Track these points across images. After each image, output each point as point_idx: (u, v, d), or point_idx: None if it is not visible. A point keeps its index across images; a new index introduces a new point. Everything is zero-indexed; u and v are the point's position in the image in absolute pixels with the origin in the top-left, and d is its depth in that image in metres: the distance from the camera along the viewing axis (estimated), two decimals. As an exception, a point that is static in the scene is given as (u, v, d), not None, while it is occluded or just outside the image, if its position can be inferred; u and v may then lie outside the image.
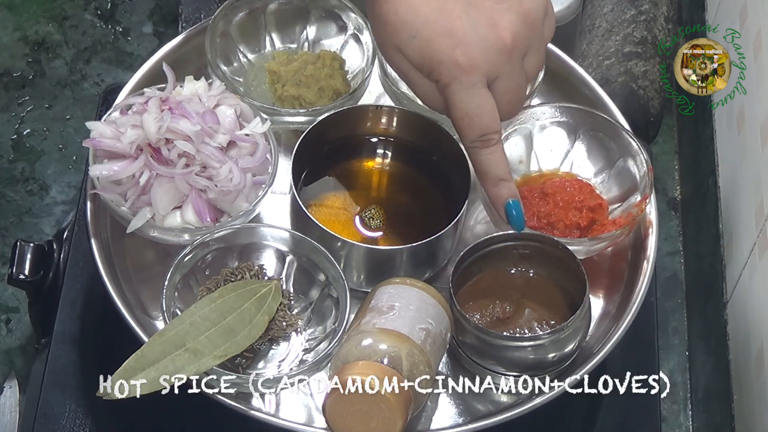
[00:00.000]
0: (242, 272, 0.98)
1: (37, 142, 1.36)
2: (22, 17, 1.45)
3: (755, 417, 1.01)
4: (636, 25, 1.27)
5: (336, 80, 1.07)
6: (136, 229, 0.97)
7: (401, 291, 0.94)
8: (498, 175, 0.94)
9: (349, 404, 0.86)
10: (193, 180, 0.97)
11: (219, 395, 0.92)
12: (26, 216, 1.30)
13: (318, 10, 1.12)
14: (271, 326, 0.95)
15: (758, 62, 1.12)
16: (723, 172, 1.20)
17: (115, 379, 0.88)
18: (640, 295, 1.00)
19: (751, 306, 1.07)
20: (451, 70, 0.90)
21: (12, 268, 1.10)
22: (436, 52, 0.90)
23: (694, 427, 1.16)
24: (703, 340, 1.18)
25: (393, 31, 0.91)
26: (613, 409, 1.04)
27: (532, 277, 0.99)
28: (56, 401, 1.01)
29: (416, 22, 0.90)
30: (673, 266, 1.26)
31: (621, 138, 1.05)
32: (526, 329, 0.96)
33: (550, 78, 1.11)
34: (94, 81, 1.41)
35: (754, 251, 1.07)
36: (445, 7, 0.90)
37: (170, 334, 0.90)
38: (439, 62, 0.90)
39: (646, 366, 1.06)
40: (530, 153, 1.07)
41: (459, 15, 0.90)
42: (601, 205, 1.04)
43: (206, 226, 0.98)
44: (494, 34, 0.90)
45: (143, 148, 0.97)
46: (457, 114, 0.92)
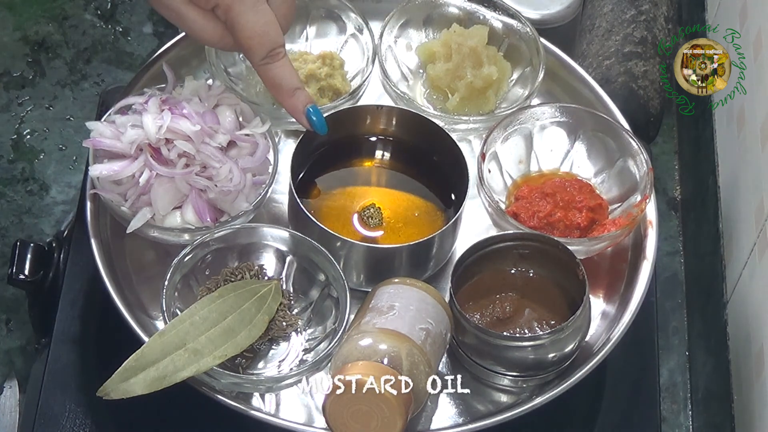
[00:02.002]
0: (242, 272, 0.98)
1: (37, 142, 1.36)
2: (22, 17, 1.45)
3: (755, 417, 1.01)
4: (636, 25, 1.27)
5: (336, 80, 1.07)
6: (136, 229, 0.97)
7: (401, 291, 0.94)
8: (292, 84, 0.97)
9: (349, 404, 0.86)
10: (193, 180, 0.97)
11: (219, 395, 0.92)
12: (26, 216, 1.30)
13: (318, 10, 1.12)
14: (271, 326, 0.95)
15: (758, 62, 1.12)
16: (723, 172, 1.20)
17: (115, 379, 0.88)
18: (640, 295, 1.01)
19: (751, 306, 1.07)
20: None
21: (12, 268, 1.10)
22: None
23: (694, 427, 1.16)
24: (703, 340, 1.18)
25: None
26: (613, 409, 1.04)
27: (532, 277, 0.99)
28: (56, 401, 1.01)
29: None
30: (673, 266, 1.26)
31: (621, 138, 1.05)
32: (526, 329, 0.96)
33: (550, 78, 1.11)
34: (94, 81, 1.41)
35: (754, 251, 1.07)
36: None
37: (170, 334, 0.90)
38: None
39: (646, 366, 1.06)
40: (530, 153, 1.07)
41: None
42: (601, 205, 1.04)
43: (206, 226, 0.98)
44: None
45: (143, 148, 0.97)
46: (245, 34, 0.94)
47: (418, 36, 1.14)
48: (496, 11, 1.13)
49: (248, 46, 0.95)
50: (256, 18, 0.94)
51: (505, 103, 1.10)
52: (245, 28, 0.94)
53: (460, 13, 1.13)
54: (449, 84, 1.09)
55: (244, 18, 0.93)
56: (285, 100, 0.98)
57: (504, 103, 1.11)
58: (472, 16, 1.13)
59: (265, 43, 0.95)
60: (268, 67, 0.96)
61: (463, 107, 1.09)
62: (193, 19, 0.95)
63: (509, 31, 1.13)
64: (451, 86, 1.09)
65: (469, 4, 1.13)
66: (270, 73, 0.96)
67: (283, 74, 0.97)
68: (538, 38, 1.11)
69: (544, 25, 1.24)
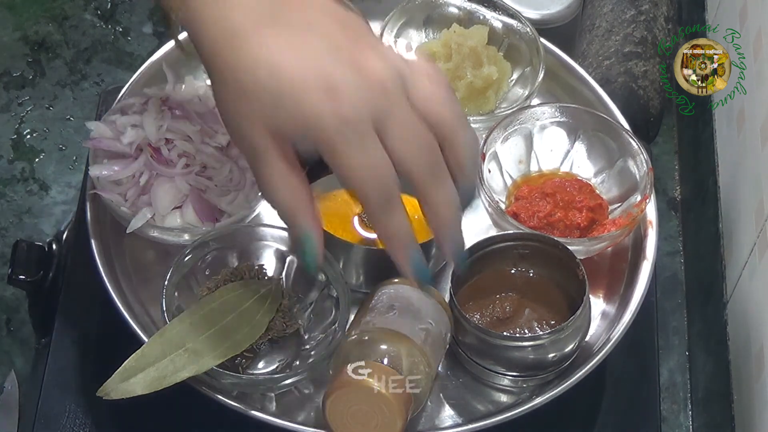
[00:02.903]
0: (242, 272, 0.98)
1: (37, 142, 1.36)
2: (22, 17, 1.45)
3: (755, 417, 1.01)
4: (636, 25, 1.26)
5: (336, 80, 1.07)
6: (136, 229, 0.97)
7: (401, 291, 0.94)
8: (408, 236, 0.81)
9: (348, 404, 0.86)
10: (193, 180, 0.97)
11: (219, 395, 0.92)
12: (26, 216, 1.30)
13: (318, 10, 1.12)
14: (271, 326, 0.95)
15: (758, 62, 1.12)
16: (723, 172, 1.20)
17: (115, 379, 0.88)
18: (640, 295, 1.00)
19: (751, 306, 1.07)
20: (331, 122, 0.75)
21: (12, 268, 1.10)
22: (309, 109, 0.76)
23: (694, 427, 1.16)
24: (703, 340, 1.18)
25: (255, 102, 0.77)
26: (613, 409, 1.04)
27: (532, 277, 0.99)
28: (56, 401, 1.01)
29: (280, 84, 0.76)
30: (673, 266, 1.26)
31: (621, 138, 1.05)
32: (526, 329, 0.96)
33: (550, 78, 1.11)
34: (94, 81, 1.41)
35: (754, 251, 1.07)
36: (309, 61, 0.76)
37: (170, 334, 0.90)
38: (315, 117, 0.75)
39: (646, 366, 1.06)
40: (530, 153, 1.07)
41: (324, 65, 0.76)
42: (601, 205, 1.04)
43: (206, 226, 0.98)
44: (363, 75, 0.77)
45: (143, 148, 0.97)
46: (356, 175, 0.77)
47: (418, 36, 1.14)
48: (496, 11, 1.13)
49: (361, 194, 0.78)
50: (365, 154, 0.76)
51: (505, 103, 1.11)
52: (354, 169, 0.76)
53: (460, 13, 1.13)
54: (449, 84, 1.09)
55: (351, 156, 0.76)
56: (396, 252, 0.81)
57: (504, 103, 1.11)
58: (472, 16, 1.13)
59: (379, 189, 0.77)
60: (383, 217, 0.79)
61: (463, 107, 1.09)
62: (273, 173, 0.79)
63: (509, 31, 1.13)
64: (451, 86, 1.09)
65: (469, 4, 1.13)
66: (385, 222, 0.80)
67: (400, 225, 0.80)
68: (538, 38, 1.11)
69: (544, 25, 1.24)
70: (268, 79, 0.76)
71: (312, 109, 0.76)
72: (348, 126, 0.76)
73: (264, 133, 0.77)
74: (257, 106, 0.77)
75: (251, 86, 0.76)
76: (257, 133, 0.77)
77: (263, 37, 0.77)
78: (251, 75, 0.76)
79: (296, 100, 0.76)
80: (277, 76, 0.76)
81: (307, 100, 0.76)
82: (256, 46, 0.77)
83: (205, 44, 0.78)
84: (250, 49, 0.77)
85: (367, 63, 0.77)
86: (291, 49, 0.76)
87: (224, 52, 0.77)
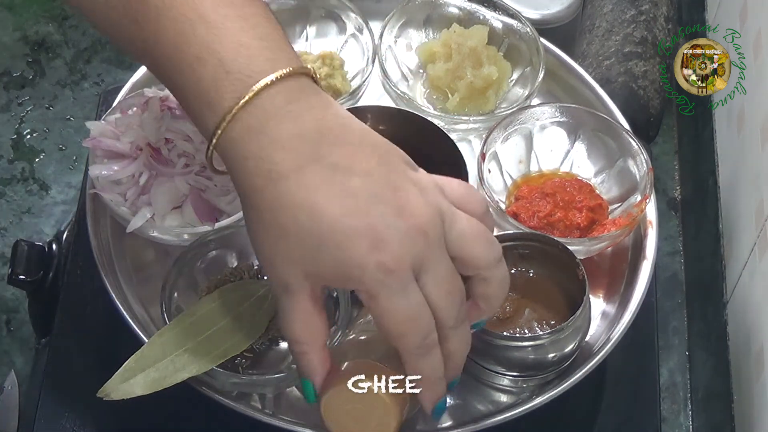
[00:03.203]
0: (242, 272, 0.98)
1: (37, 142, 1.36)
2: (22, 17, 1.45)
3: (755, 417, 1.01)
4: (636, 25, 1.26)
5: (336, 80, 1.07)
6: (136, 229, 0.97)
7: (401, 291, 0.94)
8: (439, 376, 0.81)
9: (344, 403, 0.85)
10: (192, 180, 0.97)
11: (219, 395, 0.92)
12: (26, 216, 1.30)
13: (318, 10, 1.12)
14: (271, 326, 0.95)
15: (758, 62, 1.12)
16: (723, 172, 1.20)
17: (115, 379, 0.88)
18: (640, 295, 1.00)
19: (751, 306, 1.07)
20: (375, 274, 0.75)
21: (12, 268, 1.10)
22: (352, 258, 0.75)
23: (694, 427, 1.16)
24: (703, 340, 1.18)
25: (294, 244, 0.76)
26: (613, 409, 1.04)
27: (532, 277, 0.99)
28: (56, 401, 1.01)
29: (322, 228, 0.75)
30: (673, 266, 1.26)
31: (621, 138, 1.05)
32: (526, 329, 0.96)
33: (550, 78, 1.11)
34: (94, 81, 1.41)
35: (754, 251, 1.07)
36: (351, 205, 0.75)
37: (170, 334, 0.90)
38: (359, 268, 0.75)
39: (646, 366, 1.06)
40: (530, 153, 1.07)
41: (367, 211, 0.75)
42: (601, 205, 1.04)
43: (206, 226, 0.98)
44: (406, 221, 0.76)
45: (143, 148, 0.97)
46: (396, 320, 0.77)
47: (418, 36, 1.14)
48: (496, 11, 1.13)
49: (398, 335, 0.78)
50: (406, 301, 0.76)
51: (505, 103, 1.11)
52: (395, 315, 0.76)
53: (460, 13, 1.13)
54: (449, 84, 1.09)
55: (393, 304, 0.76)
56: (425, 392, 0.81)
57: (504, 103, 1.11)
58: (472, 16, 1.13)
59: (418, 331, 0.78)
60: (420, 360, 0.79)
61: (463, 107, 1.09)
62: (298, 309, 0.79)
63: (509, 31, 1.13)
64: (451, 86, 1.09)
65: (469, 4, 1.13)
66: (421, 366, 0.80)
67: (434, 367, 0.80)
68: (538, 38, 1.11)
69: (544, 25, 1.24)
70: (310, 223, 0.75)
71: (357, 259, 0.75)
72: (391, 276, 0.76)
73: (299, 273, 0.77)
74: (296, 249, 0.76)
75: (292, 229, 0.76)
76: (292, 272, 0.77)
77: (305, 178, 0.76)
78: (292, 218, 0.76)
79: (340, 248, 0.75)
80: (318, 221, 0.75)
81: (352, 249, 0.75)
82: (296, 187, 0.76)
83: (242, 178, 0.77)
84: (291, 192, 0.76)
85: (408, 204, 0.77)
86: (333, 194, 0.76)
87: (264, 191, 0.76)
